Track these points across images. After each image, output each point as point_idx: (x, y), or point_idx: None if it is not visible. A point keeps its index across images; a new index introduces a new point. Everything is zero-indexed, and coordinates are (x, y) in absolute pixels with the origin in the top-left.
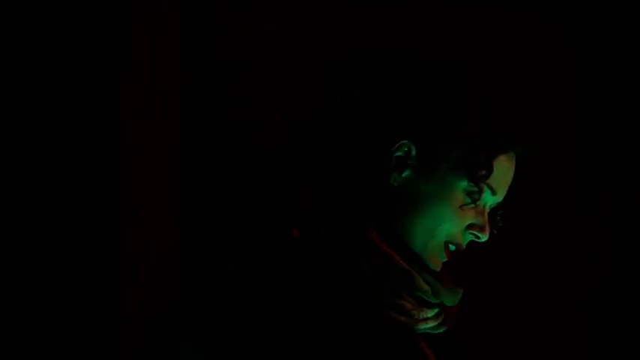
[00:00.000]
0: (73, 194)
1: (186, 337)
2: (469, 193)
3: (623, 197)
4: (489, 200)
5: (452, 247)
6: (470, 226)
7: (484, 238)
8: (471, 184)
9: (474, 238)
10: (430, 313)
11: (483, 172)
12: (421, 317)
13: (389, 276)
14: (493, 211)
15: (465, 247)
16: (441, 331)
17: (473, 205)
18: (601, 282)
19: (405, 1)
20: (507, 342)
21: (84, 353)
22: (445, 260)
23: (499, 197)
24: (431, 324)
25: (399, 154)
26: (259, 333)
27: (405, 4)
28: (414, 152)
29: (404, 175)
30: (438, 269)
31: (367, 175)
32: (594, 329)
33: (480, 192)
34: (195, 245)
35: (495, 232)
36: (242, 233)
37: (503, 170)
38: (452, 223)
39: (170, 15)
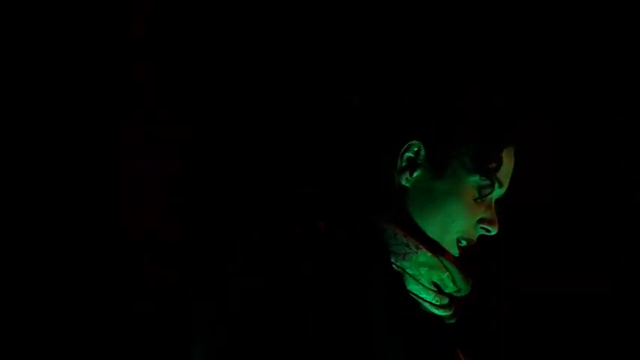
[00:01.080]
0: (73, 194)
1: (186, 337)
2: (480, 187)
3: (623, 197)
4: (496, 193)
5: (463, 243)
6: (480, 221)
7: (494, 231)
8: (483, 177)
9: (484, 232)
10: (446, 301)
11: (493, 164)
12: (442, 303)
13: (415, 263)
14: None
15: (475, 241)
16: (453, 322)
17: (482, 199)
18: (601, 282)
19: (405, 1)
20: (506, 341)
21: (86, 353)
22: (457, 257)
23: (503, 189)
24: (448, 311)
25: (408, 154)
26: (259, 333)
27: (405, 4)
28: (423, 152)
29: (415, 175)
30: None
31: (375, 176)
32: (594, 329)
33: (492, 185)
34: (195, 245)
35: None
36: (242, 233)
37: (506, 163)
38: (465, 219)
39: (170, 15)
